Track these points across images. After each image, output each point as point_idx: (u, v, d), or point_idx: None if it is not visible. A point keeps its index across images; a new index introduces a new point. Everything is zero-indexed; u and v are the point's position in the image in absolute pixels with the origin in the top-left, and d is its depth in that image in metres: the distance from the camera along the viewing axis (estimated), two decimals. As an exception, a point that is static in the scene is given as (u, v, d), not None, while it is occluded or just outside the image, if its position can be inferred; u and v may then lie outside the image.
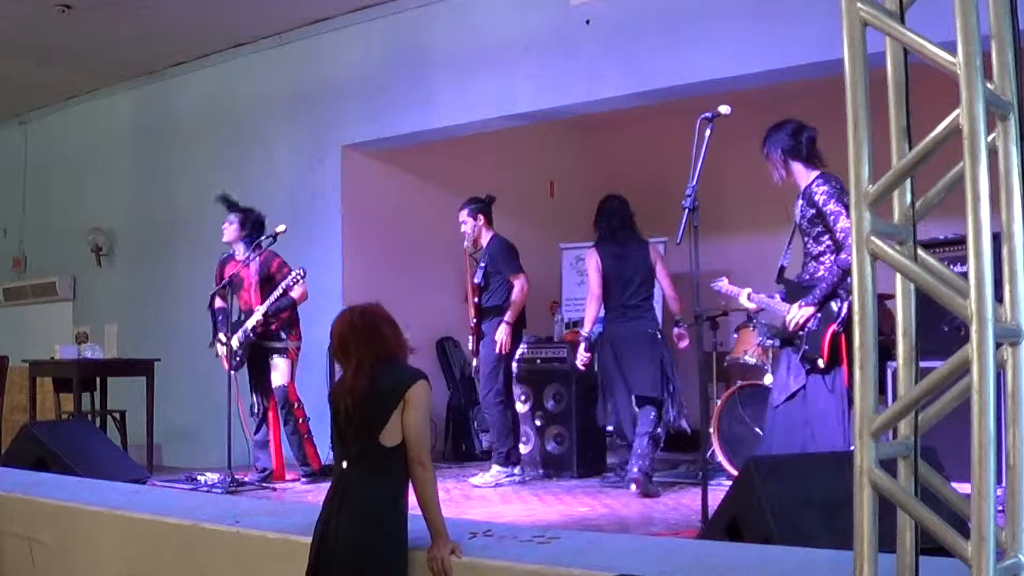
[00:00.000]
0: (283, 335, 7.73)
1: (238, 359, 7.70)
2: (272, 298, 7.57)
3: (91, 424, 8.57)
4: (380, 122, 9.07)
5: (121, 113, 11.23)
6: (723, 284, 6.22)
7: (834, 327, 5.34)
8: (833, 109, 3.28)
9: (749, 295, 5.97)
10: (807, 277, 5.54)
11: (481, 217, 7.71)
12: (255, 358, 7.79)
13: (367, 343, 3.65)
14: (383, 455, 3.53)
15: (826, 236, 5.41)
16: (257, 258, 7.72)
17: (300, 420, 7.72)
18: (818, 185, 5.41)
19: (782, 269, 5.76)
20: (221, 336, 7.74)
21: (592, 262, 7.22)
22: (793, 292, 5.61)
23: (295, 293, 7.62)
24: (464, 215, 7.75)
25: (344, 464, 3.60)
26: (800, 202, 5.53)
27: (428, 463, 3.59)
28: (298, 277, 7.54)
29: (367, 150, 9.38)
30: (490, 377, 7.58)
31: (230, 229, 7.87)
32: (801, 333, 5.45)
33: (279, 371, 7.69)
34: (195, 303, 9.29)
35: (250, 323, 7.62)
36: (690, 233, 5.29)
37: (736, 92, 7.01)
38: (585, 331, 7.24)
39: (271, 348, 7.71)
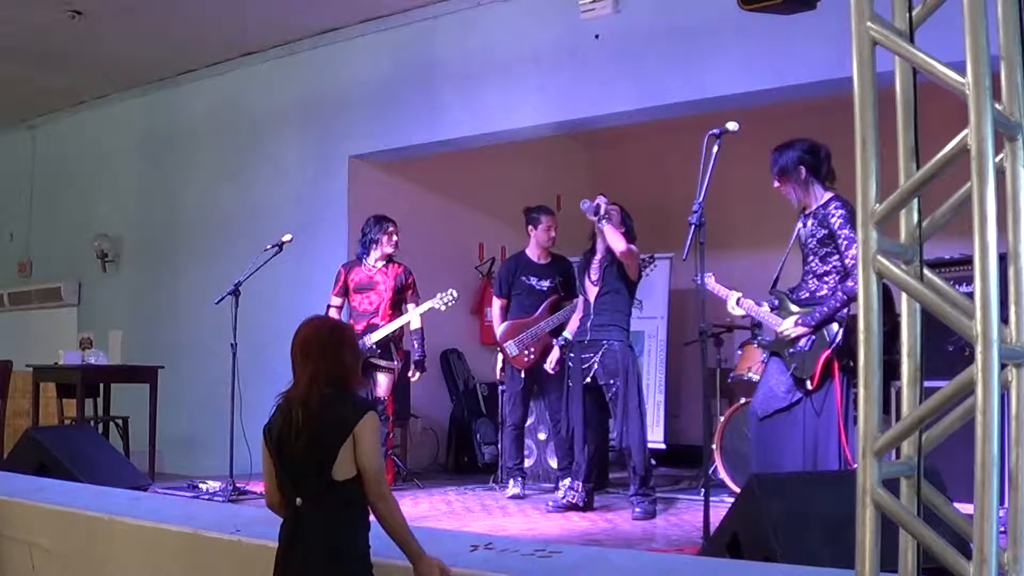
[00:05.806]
0: (392, 353, 7.75)
1: None
2: (398, 323, 7.68)
3: (93, 430, 8.56)
4: (388, 133, 9.08)
5: (129, 120, 11.25)
6: (711, 282, 5.90)
7: (828, 352, 5.32)
8: (840, 127, 3.28)
9: (739, 300, 5.81)
10: (805, 295, 5.51)
11: None
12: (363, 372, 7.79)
13: (328, 360, 3.41)
14: (338, 489, 3.31)
15: (834, 257, 5.38)
16: (399, 269, 7.77)
17: (389, 434, 7.89)
18: (836, 208, 5.36)
19: (776, 280, 5.73)
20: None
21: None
22: (785, 306, 5.58)
23: (415, 324, 7.72)
24: None
25: (298, 501, 3.35)
26: (810, 220, 5.48)
27: (388, 494, 3.37)
28: (451, 299, 7.63)
29: (374, 161, 9.40)
30: None
31: (395, 241, 7.81)
32: (792, 350, 5.45)
33: (382, 387, 7.68)
34: (200, 311, 9.31)
35: (374, 337, 7.61)
36: (696, 249, 5.29)
37: (744, 109, 7.02)
38: None
39: (378, 365, 7.67)
